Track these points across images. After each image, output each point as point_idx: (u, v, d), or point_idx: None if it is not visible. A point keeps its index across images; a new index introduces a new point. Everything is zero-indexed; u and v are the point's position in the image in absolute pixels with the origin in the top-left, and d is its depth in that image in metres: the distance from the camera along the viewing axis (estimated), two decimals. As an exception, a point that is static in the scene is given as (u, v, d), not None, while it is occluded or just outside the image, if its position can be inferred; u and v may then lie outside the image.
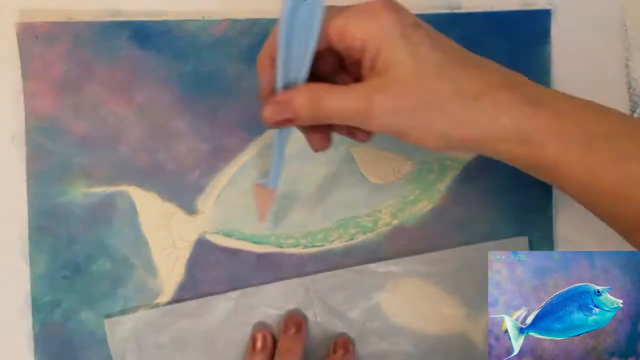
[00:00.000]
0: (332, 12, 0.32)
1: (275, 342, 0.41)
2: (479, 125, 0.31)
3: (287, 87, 0.32)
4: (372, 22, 0.31)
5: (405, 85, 0.31)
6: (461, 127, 0.31)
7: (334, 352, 0.40)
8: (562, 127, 0.31)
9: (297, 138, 0.41)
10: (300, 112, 0.32)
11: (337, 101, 0.32)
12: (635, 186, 0.31)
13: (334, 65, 0.34)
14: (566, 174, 0.32)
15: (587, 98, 0.44)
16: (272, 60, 0.33)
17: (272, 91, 0.33)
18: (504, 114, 0.31)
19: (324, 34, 0.31)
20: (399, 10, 0.31)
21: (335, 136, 0.42)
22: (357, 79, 0.33)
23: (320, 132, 0.35)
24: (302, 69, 0.32)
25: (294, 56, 0.32)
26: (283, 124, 0.33)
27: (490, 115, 0.31)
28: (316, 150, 0.36)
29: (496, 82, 0.31)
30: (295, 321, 0.41)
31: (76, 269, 0.41)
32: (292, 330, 0.40)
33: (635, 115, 0.43)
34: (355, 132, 0.35)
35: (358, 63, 0.32)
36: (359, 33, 0.31)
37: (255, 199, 0.40)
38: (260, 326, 0.41)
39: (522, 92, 0.31)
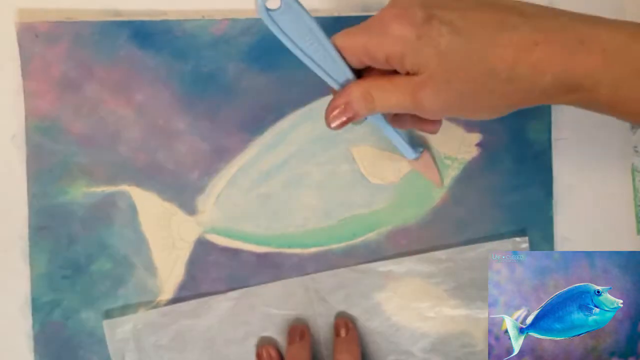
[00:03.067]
0: (347, 35, 0.33)
1: (279, 354, 0.41)
2: (522, 90, 0.31)
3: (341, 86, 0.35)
4: (385, 37, 0.31)
5: (439, 81, 0.31)
6: (505, 98, 0.32)
7: (337, 334, 0.41)
8: (612, 69, 0.30)
9: (295, 138, 0.41)
10: (358, 109, 0.34)
11: (387, 98, 0.33)
12: None
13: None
14: (621, 109, 0.32)
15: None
16: None
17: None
18: (545, 74, 0.30)
19: (349, 57, 0.33)
20: (405, 12, 0.31)
21: (336, 136, 0.42)
22: None
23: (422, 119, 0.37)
24: (343, 69, 0.34)
25: (322, 60, 0.34)
26: (347, 123, 0.34)
27: (531, 80, 0.31)
28: (432, 132, 0.37)
29: (526, 40, 0.30)
30: (298, 330, 0.41)
31: (76, 269, 0.41)
32: (297, 339, 0.40)
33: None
34: (422, 124, 0.37)
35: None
36: (378, 51, 0.32)
37: (421, 172, 0.42)
38: (265, 341, 0.41)
39: (559, 41, 0.30)
